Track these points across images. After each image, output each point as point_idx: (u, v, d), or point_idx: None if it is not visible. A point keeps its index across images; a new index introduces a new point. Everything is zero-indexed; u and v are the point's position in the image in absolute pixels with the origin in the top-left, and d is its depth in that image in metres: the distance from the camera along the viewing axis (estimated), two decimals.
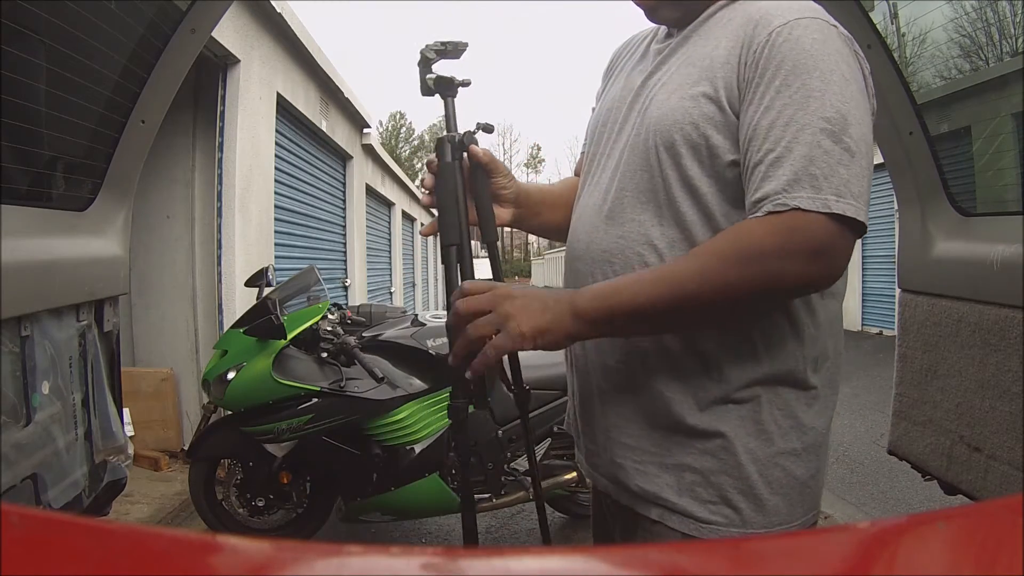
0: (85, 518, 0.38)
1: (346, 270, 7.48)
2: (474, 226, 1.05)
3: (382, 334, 2.85)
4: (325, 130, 6.22)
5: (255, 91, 4.37)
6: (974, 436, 1.52)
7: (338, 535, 2.96)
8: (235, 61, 4.08)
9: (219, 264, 4.06)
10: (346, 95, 6.62)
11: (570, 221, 1.07)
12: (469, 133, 1.02)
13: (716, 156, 0.85)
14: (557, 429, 2.83)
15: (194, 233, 4.09)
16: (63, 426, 1.44)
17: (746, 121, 0.82)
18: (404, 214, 12.42)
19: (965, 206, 1.66)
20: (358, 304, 3.53)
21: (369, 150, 8.46)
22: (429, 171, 1.04)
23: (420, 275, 15.05)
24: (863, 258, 11.06)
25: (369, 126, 8.06)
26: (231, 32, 3.94)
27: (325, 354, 2.68)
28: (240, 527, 2.84)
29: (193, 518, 3.03)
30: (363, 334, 2.86)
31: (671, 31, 0.98)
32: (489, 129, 1.03)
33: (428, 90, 1.05)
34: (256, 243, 4.40)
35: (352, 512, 2.74)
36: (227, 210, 4.06)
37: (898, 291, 1.85)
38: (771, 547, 0.40)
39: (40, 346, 1.37)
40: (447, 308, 0.93)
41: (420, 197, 1.09)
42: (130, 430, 3.68)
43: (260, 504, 2.80)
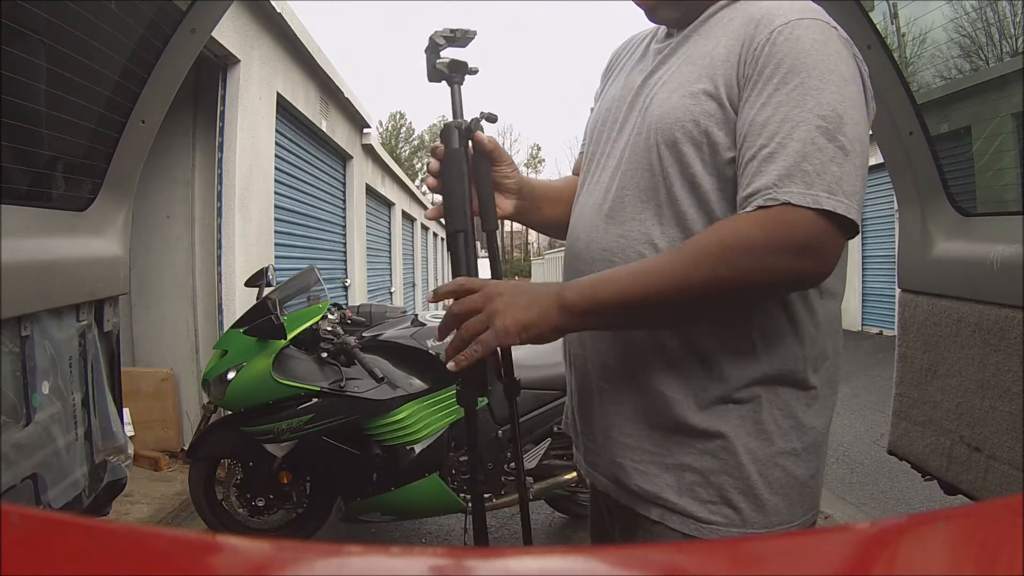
0: (85, 518, 0.38)
1: (346, 270, 7.48)
2: (475, 215, 1.05)
3: (382, 334, 2.85)
4: (325, 130, 6.22)
5: (255, 91, 4.37)
6: (974, 436, 1.52)
7: (338, 535, 2.96)
8: (235, 61, 4.08)
9: (219, 264, 4.06)
10: (346, 95, 6.61)
11: (570, 219, 1.07)
12: (476, 120, 1.02)
13: (717, 153, 0.85)
14: (557, 429, 2.83)
15: (194, 233, 4.09)
16: (63, 426, 1.44)
17: (743, 118, 0.83)
18: (404, 214, 12.42)
19: (965, 206, 1.66)
20: (358, 304, 3.53)
21: (369, 150, 8.46)
22: (434, 156, 1.04)
23: (420, 275, 15.05)
24: (863, 258, 11.06)
25: (369, 126, 8.06)
26: (231, 32, 3.94)
27: (325, 354, 2.68)
28: (240, 527, 2.84)
29: (193, 518, 3.03)
30: (363, 334, 2.86)
31: (671, 31, 0.98)
32: (493, 119, 1.03)
33: (436, 75, 1.04)
34: (256, 243, 4.40)
35: (352, 512, 2.74)
36: (227, 210, 4.06)
37: (898, 291, 1.85)
38: (771, 547, 0.40)
39: (40, 346, 1.37)
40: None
41: (425, 181, 1.09)
42: (130, 430, 3.68)
43: (260, 504, 2.80)
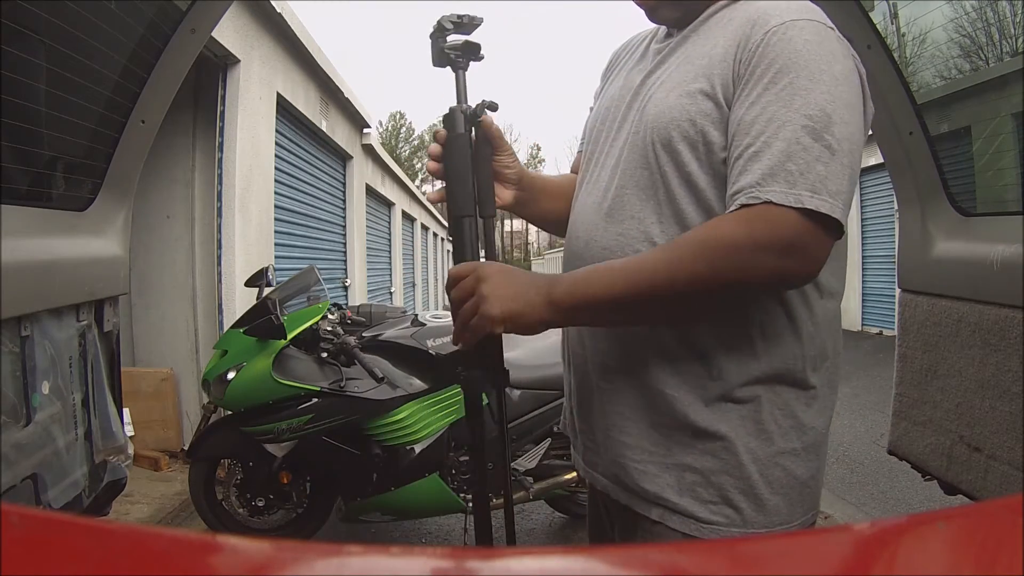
0: (85, 518, 0.38)
1: (346, 270, 7.48)
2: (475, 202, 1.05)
3: (382, 334, 2.85)
4: (325, 130, 6.22)
5: (255, 91, 4.37)
6: (974, 436, 1.52)
7: (338, 535, 2.96)
8: (235, 61, 4.08)
9: (219, 264, 4.06)
10: (346, 95, 6.61)
11: (569, 214, 1.07)
12: (480, 106, 1.02)
13: (713, 152, 0.85)
14: (557, 429, 2.83)
15: (194, 233, 4.09)
16: (63, 426, 1.44)
17: (733, 117, 0.83)
18: (404, 214, 12.42)
19: (965, 206, 1.66)
20: (358, 304, 3.52)
21: (369, 150, 8.46)
22: (436, 141, 1.04)
23: (420, 275, 15.05)
24: (863, 258, 11.06)
25: (369, 126, 8.05)
26: (231, 32, 3.94)
27: (325, 354, 2.68)
28: (240, 527, 2.84)
29: (193, 518, 3.03)
30: (363, 334, 2.86)
31: (671, 31, 0.98)
32: (494, 107, 1.02)
33: (442, 60, 1.04)
34: (256, 243, 4.40)
35: (352, 512, 2.74)
36: (227, 210, 4.06)
37: (898, 291, 1.85)
38: (771, 547, 0.40)
39: (40, 346, 1.37)
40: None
41: (426, 165, 1.09)
42: (130, 430, 3.68)
43: (260, 504, 2.80)
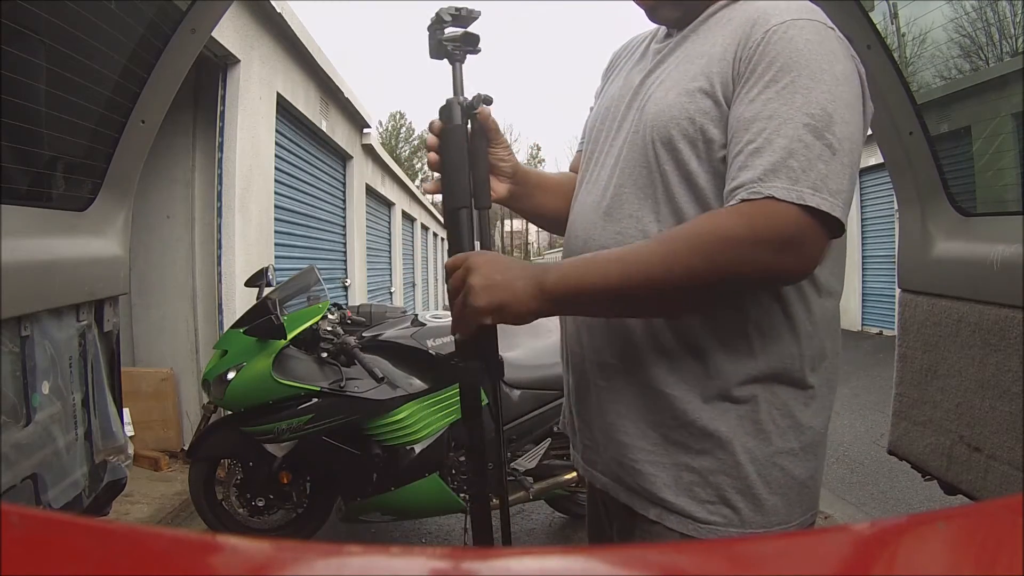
0: (85, 518, 0.38)
1: (346, 270, 7.48)
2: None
3: (382, 334, 2.85)
4: (325, 130, 6.22)
5: (255, 91, 4.37)
6: (974, 436, 1.52)
7: (338, 535, 2.96)
8: (235, 61, 4.08)
9: (219, 264, 4.06)
10: (346, 95, 6.61)
11: (564, 211, 1.07)
12: (476, 98, 1.02)
13: (712, 150, 0.85)
14: (557, 429, 2.83)
15: (194, 233, 4.09)
16: (63, 426, 1.44)
17: (734, 114, 0.83)
18: (404, 214, 12.41)
19: (965, 206, 1.66)
20: (358, 304, 3.52)
21: (369, 150, 8.46)
22: (431, 131, 1.04)
23: (420, 275, 15.05)
24: (863, 258, 11.06)
25: (369, 126, 8.05)
26: (231, 32, 3.94)
27: (325, 354, 2.68)
28: (240, 527, 2.84)
29: (193, 518, 3.03)
30: (363, 334, 2.86)
31: (671, 31, 0.98)
32: (489, 100, 1.03)
33: (439, 52, 1.04)
34: (256, 243, 4.40)
35: (352, 512, 2.74)
36: (227, 210, 4.06)
37: (898, 291, 1.85)
38: (770, 547, 0.40)
39: (40, 346, 1.37)
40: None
41: (426, 157, 1.09)
42: (130, 430, 3.68)
43: (260, 504, 2.80)
